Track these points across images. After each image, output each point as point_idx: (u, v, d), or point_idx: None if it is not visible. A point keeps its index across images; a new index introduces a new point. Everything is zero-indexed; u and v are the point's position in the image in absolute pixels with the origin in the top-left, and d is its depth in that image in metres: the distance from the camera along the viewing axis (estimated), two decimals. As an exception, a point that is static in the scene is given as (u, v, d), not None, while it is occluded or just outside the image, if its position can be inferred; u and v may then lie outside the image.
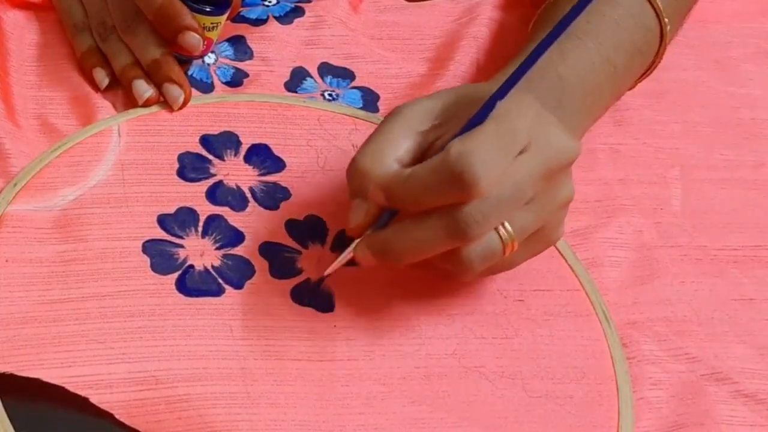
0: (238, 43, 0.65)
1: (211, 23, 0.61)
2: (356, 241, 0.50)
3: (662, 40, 0.61)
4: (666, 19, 0.60)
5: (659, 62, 0.62)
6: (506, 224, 0.48)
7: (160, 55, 0.60)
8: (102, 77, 0.60)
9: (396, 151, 0.50)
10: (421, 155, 0.50)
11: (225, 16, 0.62)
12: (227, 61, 0.64)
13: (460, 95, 0.51)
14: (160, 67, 0.59)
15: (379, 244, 0.49)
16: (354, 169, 0.50)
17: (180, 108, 0.60)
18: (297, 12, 0.68)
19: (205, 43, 0.61)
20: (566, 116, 0.51)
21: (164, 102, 0.60)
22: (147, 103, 0.59)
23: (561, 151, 0.49)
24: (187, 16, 0.59)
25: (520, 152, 0.47)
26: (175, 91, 0.59)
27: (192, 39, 0.59)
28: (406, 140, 0.50)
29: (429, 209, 0.48)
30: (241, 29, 0.66)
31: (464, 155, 0.46)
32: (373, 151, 0.50)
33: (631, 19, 0.59)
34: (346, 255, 0.50)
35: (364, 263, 0.50)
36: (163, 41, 0.60)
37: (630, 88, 0.63)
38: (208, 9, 0.60)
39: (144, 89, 0.59)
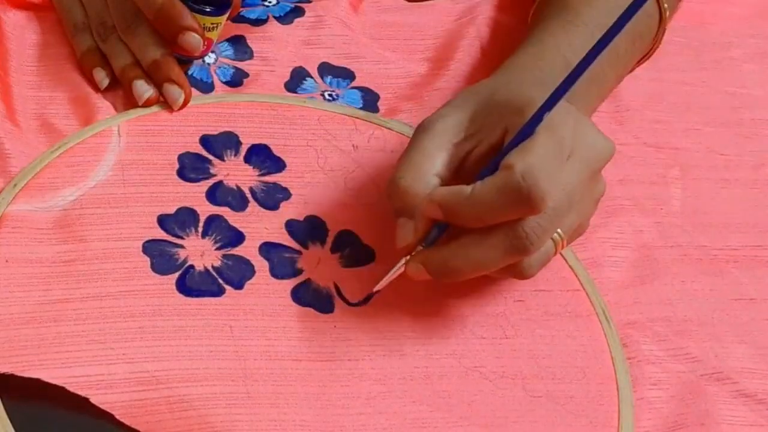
0: (238, 43, 0.65)
1: (212, 23, 0.61)
2: (405, 258, 0.50)
3: (661, 24, 0.61)
4: (665, 5, 0.61)
5: (658, 46, 0.63)
6: (556, 233, 0.50)
7: (160, 55, 0.60)
8: (102, 77, 0.60)
9: (434, 166, 0.50)
10: (457, 166, 0.51)
11: (225, 16, 0.62)
12: (227, 60, 0.64)
13: (483, 102, 0.52)
14: (160, 67, 0.59)
15: (438, 263, 0.50)
16: (395, 189, 0.50)
17: (180, 108, 0.60)
18: (297, 12, 0.68)
19: (206, 43, 0.61)
20: (575, 104, 0.52)
21: (164, 102, 0.60)
22: (147, 104, 0.59)
23: (601, 152, 0.51)
24: (188, 17, 0.59)
25: (566, 160, 0.49)
26: (175, 92, 0.59)
27: (192, 39, 0.59)
28: (442, 154, 0.51)
29: (486, 228, 0.48)
30: (241, 29, 0.66)
31: (528, 172, 0.46)
32: (411, 168, 0.50)
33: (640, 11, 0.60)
34: (397, 271, 0.51)
35: (417, 279, 0.50)
36: (163, 41, 0.60)
37: (629, 72, 0.63)
38: (208, 9, 0.60)
39: (144, 89, 0.59)
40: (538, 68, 0.49)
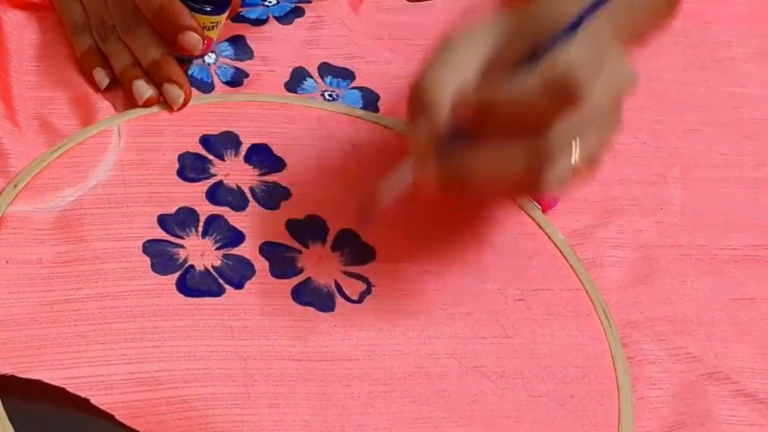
0: (238, 42, 0.65)
1: (211, 23, 0.61)
2: (414, 158, 0.47)
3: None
4: None
5: (679, 9, 0.61)
6: (576, 150, 0.46)
7: (160, 55, 0.60)
8: (102, 77, 0.60)
9: (462, 75, 0.47)
10: (484, 76, 0.48)
11: (225, 15, 0.62)
12: (227, 60, 0.64)
13: (516, 23, 0.49)
14: (160, 67, 0.59)
15: (452, 169, 0.46)
16: (417, 88, 0.47)
17: (180, 108, 0.60)
18: (297, 12, 0.68)
19: (205, 42, 0.61)
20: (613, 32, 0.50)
21: (164, 102, 0.60)
22: (147, 104, 0.59)
23: (627, 76, 0.49)
24: (187, 16, 0.59)
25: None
26: (175, 92, 0.59)
27: (192, 39, 0.59)
28: (471, 66, 0.47)
29: (510, 137, 0.46)
30: (241, 29, 0.66)
31: (573, 66, 0.44)
32: (437, 72, 0.47)
33: None
34: (406, 175, 0.48)
35: (423, 189, 0.47)
36: (162, 41, 0.60)
37: (651, 34, 0.60)
38: (207, 8, 0.60)
39: (144, 89, 0.59)
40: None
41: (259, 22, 0.67)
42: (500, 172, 0.47)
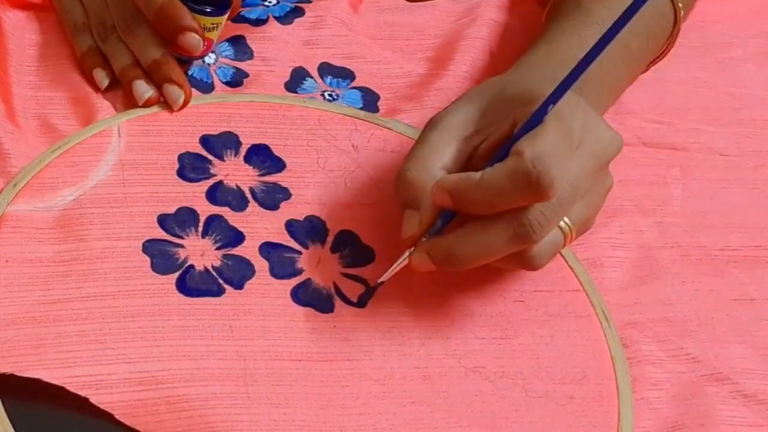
0: (238, 43, 0.65)
1: (212, 24, 0.61)
2: (410, 249, 0.51)
3: (676, 24, 0.62)
4: (680, 4, 0.61)
5: (672, 45, 0.63)
6: (566, 218, 0.50)
7: (160, 55, 0.60)
8: (102, 77, 0.60)
9: (441, 159, 0.51)
10: (466, 161, 0.51)
11: (225, 16, 0.62)
12: (227, 61, 0.64)
13: (495, 98, 0.52)
14: (160, 67, 0.59)
15: (442, 252, 0.50)
16: (402, 181, 0.51)
17: (180, 108, 0.60)
18: (297, 12, 0.68)
19: (206, 43, 0.61)
20: (588, 101, 0.52)
21: (164, 102, 0.60)
22: (147, 104, 0.59)
23: (609, 145, 0.51)
24: (188, 17, 0.59)
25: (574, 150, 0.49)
26: (175, 92, 0.59)
27: (192, 40, 0.59)
28: (449, 147, 0.51)
29: (492, 215, 0.48)
30: (241, 29, 0.66)
31: (539, 158, 0.46)
32: (419, 161, 0.51)
33: (646, 5, 0.60)
34: (401, 263, 0.51)
35: (422, 269, 0.50)
36: (163, 42, 0.60)
37: (642, 72, 0.64)
38: (208, 10, 0.60)
39: (144, 90, 0.59)
40: (549, 66, 0.50)
41: (259, 22, 0.67)
42: (486, 252, 0.49)
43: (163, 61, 0.60)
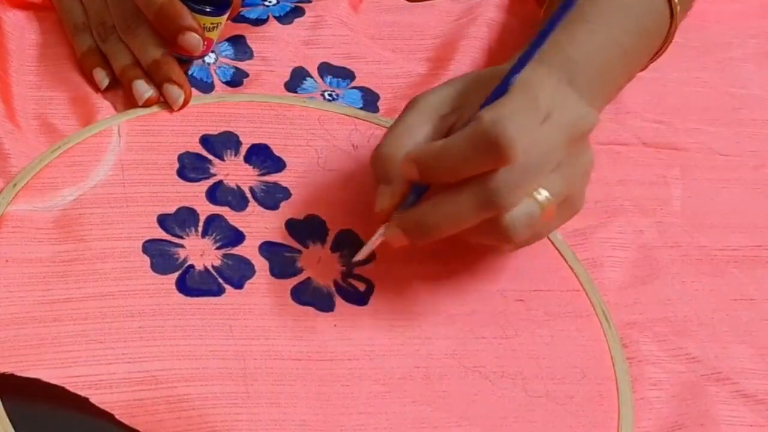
0: (238, 43, 0.65)
1: (212, 23, 0.61)
2: (384, 224, 0.51)
3: (672, 21, 0.62)
4: (676, 1, 0.61)
5: (670, 43, 0.63)
6: (541, 190, 0.49)
7: (160, 55, 0.60)
8: (102, 77, 0.60)
9: (415, 136, 0.52)
10: (440, 138, 0.51)
11: (225, 16, 0.62)
12: (227, 60, 0.64)
13: (473, 80, 0.53)
14: (160, 67, 0.59)
15: (412, 223, 0.50)
16: (377, 156, 0.52)
17: (180, 108, 0.60)
18: (297, 12, 0.68)
19: (206, 43, 0.61)
20: (583, 96, 0.52)
21: (164, 102, 0.60)
22: (147, 104, 0.59)
23: (580, 118, 0.50)
24: (188, 17, 0.59)
25: (543, 121, 0.49)
26: (175, 92, 0.59)
27: (192, 39, 0.59)
28: (425, 126, 0.52)
29: (459, 183, 0.48)
30: (241, 29, 0.66)
31: (497, 122, 0.47)
32: (393, 138, 0.52)
33: (640, 3, 0.60)
34: (376, 240, 0.52)
35: (396, 244, 0.51)
36: (163, 41, 0.60)
37: (642, 69, 0.64)
38: (208, 9, 0.60)
39: (144, 89, 0.59)
40: (539, 60, 0.50)
41: (259, 22, 0.67)
42: (455, 220, 0.49)
43: (163, 60, 0.60)
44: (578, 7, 0.59)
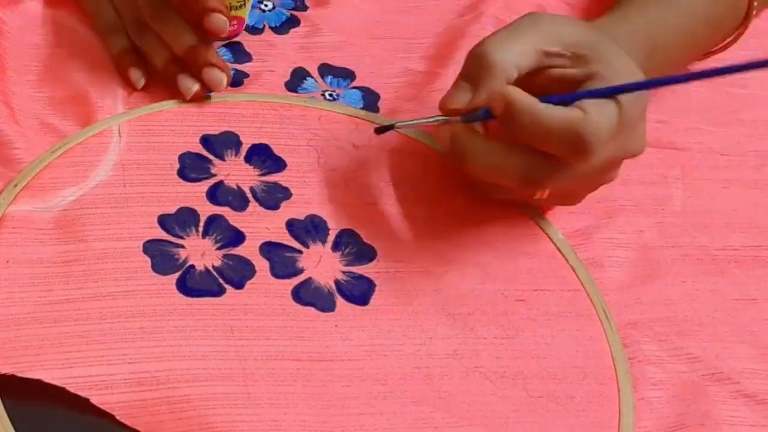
0: (236, 49, 0.65)
1: (238, 2, 0.60)
2: (444, 117, 0.52)
3: (746, 18, 0.63)
4: (756, 2, 0.62)
5: (736, 40, 0.64)
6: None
7: (195, 41, 0.59)
8: (138, 77, 0.60)
9: (521, 58, 0.52)
10: (534, 71, 0.52)
11: None
12: (227, 62, 0.64)
13: (593, 39, 0.53)
14: (198, 52, 0.59)
15: (462, 146, 0.51)
16: (478, 55, 0.52)
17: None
18: (292, 21, 0.68)
19: (234, 23, 0.59)
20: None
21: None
22: (194, 98, 0.59)
23: (634, 146, 0.53)
24: None
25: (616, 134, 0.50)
26: (218, 75, 0.59)
27: (218, 21, 0.58)
28: (533, 52, 0.52)
29: (522, 145, 0.50)
30: (238, 37, 0.66)
31: (598, 128, 0.48)
32: (502, 45, 0.52)
33: None
34: (429, 122, 0.53)
35: (440, 142, 0.53)
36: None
37: (699, 59, 0.65)
38: None
39: (191, 83, 0.59)
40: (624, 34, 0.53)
41: (256, 30, 0.66)
42: (496, 169, 0.51)
43: (200, 45, 0.59)
44: None
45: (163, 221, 0.54)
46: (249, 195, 0.56)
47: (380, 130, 0.55)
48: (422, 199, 0.58)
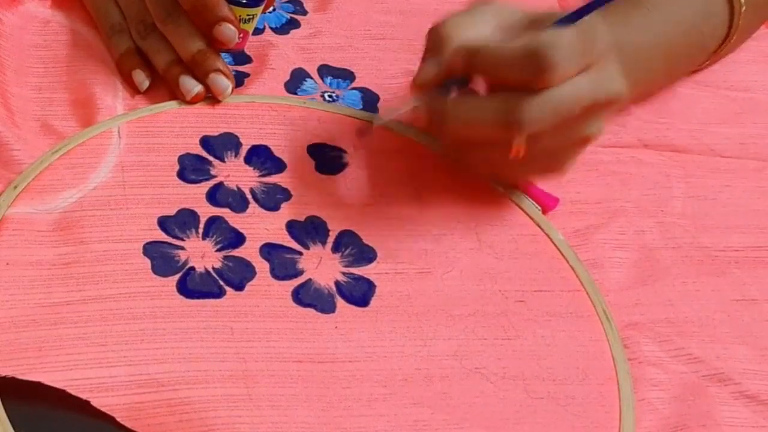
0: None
1: (248, 15, 0.60)
2: (415, 98, 0.54)
3: (731, 27, 0.62)
4: (742, 8, 0.62)
5: (726, 51, 0.64)
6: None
7: (203, 46, 0.59)
8: (142, 79, 0.60)
9: (477, 32, 0.53)
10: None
11: (260, 8, 0.61)
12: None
13: (544, 17, 0.53)
14: (205, 58, 0.59)
15: (437, 109, 0.53)
16: (435, 32, 0.54)
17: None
18: (293, 24, 0.68)
19: (241, 35, 0.60)
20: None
21: (209, 96, 0.60)
22: (195, 99, 0.59)
23: (613, 87, 0.52)
24: (224, 7, 0.58)
25: (585, 68, 0.51)
26: (223, 82, 0.59)
27: (228, 31, 0.58)
28: (488, 28, 0.53)
29: (491, 92, 0.52)
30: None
31: (552, 44, 0.49)
32: (459, 22, 0.54)
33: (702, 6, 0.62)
34: (405, 107, 0.54)
35: (416, 123, 0.54)
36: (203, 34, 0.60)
37: (690, 74, 0.65)
38: (244, 0, 0.60)
39: (192, 84, 0.59)
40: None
41: (256, 31, 0.66)
42: (474, 121, 0.52)
43: (207, 51, 0.59)
44: None
45: (163, 223, 0.54)
46: (249, 196, 0.56)
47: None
48: (422, 200, 0.58)
